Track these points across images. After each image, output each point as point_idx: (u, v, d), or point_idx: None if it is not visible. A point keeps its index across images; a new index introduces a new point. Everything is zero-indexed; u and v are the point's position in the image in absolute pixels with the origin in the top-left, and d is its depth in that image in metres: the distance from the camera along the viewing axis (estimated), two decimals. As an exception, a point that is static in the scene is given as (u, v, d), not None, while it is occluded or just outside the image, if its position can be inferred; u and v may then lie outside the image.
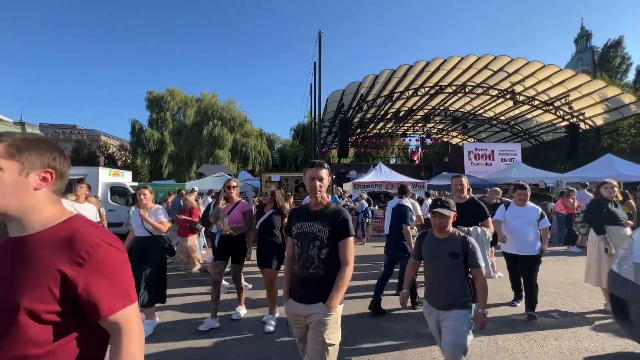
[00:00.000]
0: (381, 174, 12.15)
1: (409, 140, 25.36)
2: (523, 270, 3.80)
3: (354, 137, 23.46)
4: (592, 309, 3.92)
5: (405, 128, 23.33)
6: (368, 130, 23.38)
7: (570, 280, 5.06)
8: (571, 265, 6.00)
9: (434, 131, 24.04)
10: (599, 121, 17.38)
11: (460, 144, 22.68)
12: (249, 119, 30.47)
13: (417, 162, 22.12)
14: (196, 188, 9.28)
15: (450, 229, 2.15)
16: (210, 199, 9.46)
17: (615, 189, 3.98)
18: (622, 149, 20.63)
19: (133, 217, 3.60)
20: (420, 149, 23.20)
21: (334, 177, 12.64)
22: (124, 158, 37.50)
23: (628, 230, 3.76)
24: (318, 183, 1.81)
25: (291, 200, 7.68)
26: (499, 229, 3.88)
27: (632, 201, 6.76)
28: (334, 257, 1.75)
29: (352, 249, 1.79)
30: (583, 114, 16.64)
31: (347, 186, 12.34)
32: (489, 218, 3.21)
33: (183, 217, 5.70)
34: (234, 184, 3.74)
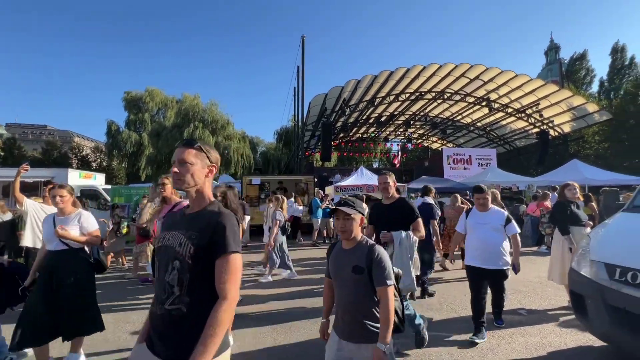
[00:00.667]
0: (362, 177, 12.29)
1: (391, 144, 25.88)
2: (492, 288, 3.30)
3: (337, 141, 23.68)
4: (557, 306, 4.11)
5: (387, 133, 23.79)
6: (351, 134, 23.66)
7: (538, 279, 5.28)
8: (539, 265, 6.27)
9: (414, 136, 24.65)
10: (567, 128, 18.44)
11: (439, 148, 23.35)
12: (231, 122, 30.06)
13: (398, 166, 22.56)
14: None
15: (358, 235, 1.72)
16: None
17: (577, 190, 4.22)
18: (587, 154, 21.96)
19: (43, 225, 2.72)
20: (400, 153, 23.71)
21: (316, 180, 12.66)
22: (98, 160, 35.91)
23: (588, 230, 3.98)
24: (175, 169, 1.21)
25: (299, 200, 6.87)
26: (455, 243, 3.52)
27: (594, 204, 7.18)
28: (207, 287, 1.13)
29: (235, 272, 1.13)
30: (552, 121, 17.60)
31: (329, 189, 12.39)
32: (419, 220, 2.86)
33: (132, 223, 5.61)
34: (167, 181, 3.03)
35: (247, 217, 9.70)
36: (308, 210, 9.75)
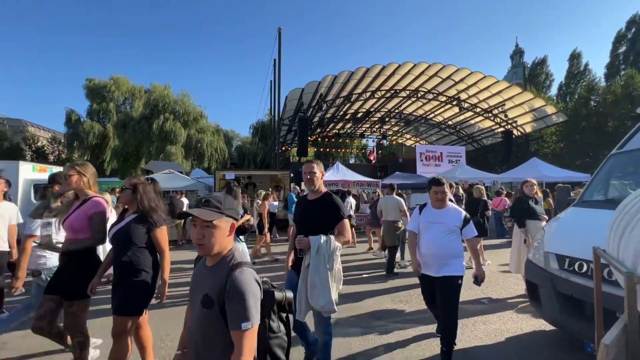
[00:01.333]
0: (338, 173, 12.39)
1: (367, 140, 26.30)
2: (439, 298, 2.67)
3: (314, 137, 23.67)
4: (515, 294, 4.41)
5: (364, 129, 24.13)
6: (327, 129, 23.71)
7: (500, 269, 5.64)
8: (502, 256, 6.69)
9: (389, 133, 25.18)
10: (528, 128, 19.70)
11: (413, 145, 24.06)
12: (204, 114, 29.00)
13: (373, 162, 23.00)
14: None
15: (224, 249, 1.22)
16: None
17: (535, 187, 4.54)
18: (545, 153, 23.66)
19: None
20: (376, 150, 24.18)
21: (292, 175, 12.58)
22: (56, 152, 33.23)
23: (544, 224, 4.30)
24: None
25: (269, 199, 7.19)
26: (413, 246, 2.84)
27: (550, 199, 7.76)
28: None
29: None
30: (516, 121, 18.71)
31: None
32: (345, 221, 2.32)
33: None
34: (72, 171, 2.34)
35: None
36: (283, 206, 9.68)
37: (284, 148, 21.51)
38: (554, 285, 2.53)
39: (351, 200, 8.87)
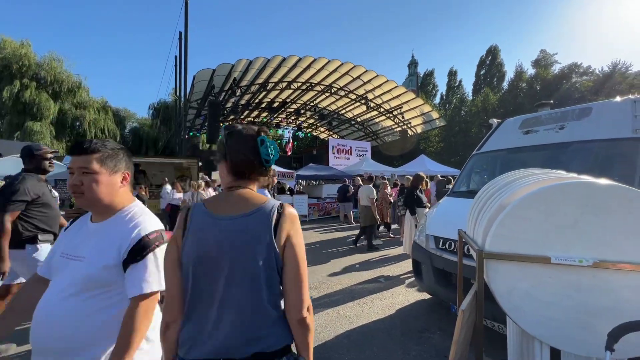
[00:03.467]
0: (252, 163, 11.99)
1: (283, 131, 26.28)
2: None
3: (227, 123, 22.16)
4: (405, 272, 5.16)
5: (280, 119, 23.98)
6: (242, 117, 22.60)
7: (396, 252, 6.50)
8: (397, 239, 7.75)
9: (305, 125, 25.75)
10: (419, 129, 23.19)
11: (326, 139, 25.27)
12: (85, 86, 23.54)
13: (289, 153, 23.22)
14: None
15: None
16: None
17: (423, 181, 5.36)
18: (430, 151, 28.42)
19: None
20: (291, 141, 24.46)
21: (200, 164, 11.53)
22: None
23: (427, 211, 5.14)
24: None
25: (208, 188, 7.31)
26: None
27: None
28: None
29: None
30: (410, 122, 21.75)
31: (216, 175, 11.53)
32: None
33: None
34: None
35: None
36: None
37: (189, 133, 19.52)
38: (432, 262, 3.04)
39: (167, 188, 8.43)
